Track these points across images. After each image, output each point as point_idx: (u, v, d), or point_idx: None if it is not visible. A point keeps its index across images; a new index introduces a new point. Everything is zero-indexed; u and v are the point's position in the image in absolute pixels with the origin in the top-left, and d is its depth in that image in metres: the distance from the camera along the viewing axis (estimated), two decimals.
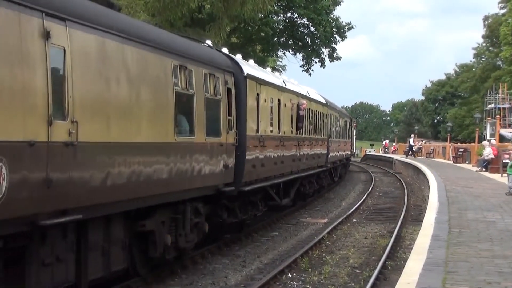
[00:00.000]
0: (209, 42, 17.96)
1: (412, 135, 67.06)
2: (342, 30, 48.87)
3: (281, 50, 51.69)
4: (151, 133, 11.28)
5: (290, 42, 49.43)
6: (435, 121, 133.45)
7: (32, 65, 8.06)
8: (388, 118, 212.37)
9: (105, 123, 9.74)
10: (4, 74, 7.59)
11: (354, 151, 61.72)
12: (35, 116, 8.06)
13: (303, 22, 47.76)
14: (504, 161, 31.16)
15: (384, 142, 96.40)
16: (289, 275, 14.12)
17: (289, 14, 47.75)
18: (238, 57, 18.00)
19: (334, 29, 48.08)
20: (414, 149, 62.71)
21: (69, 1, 9.24)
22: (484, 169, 36.14)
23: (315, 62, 49.85)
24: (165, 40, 12.51)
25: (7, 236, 8.05)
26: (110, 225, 10.61)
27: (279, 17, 47.91)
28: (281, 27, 47.89)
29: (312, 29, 47.65)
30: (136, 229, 11.65)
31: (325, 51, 49.61)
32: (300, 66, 49.90)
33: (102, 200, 9.77)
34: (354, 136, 59.17)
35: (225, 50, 18.02)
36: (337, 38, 49.04)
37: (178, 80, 12.42)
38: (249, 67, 18.09)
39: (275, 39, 47.96)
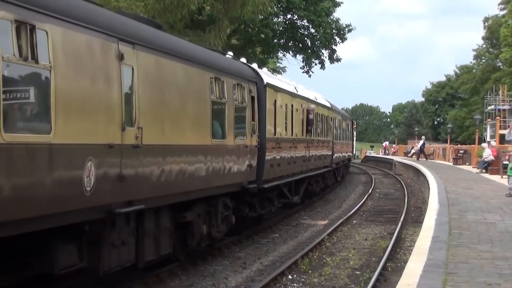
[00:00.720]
0: (230, 53, 19.81)
1: (423, 137, 64.97)
2: (342, 32, 49.02)
3: (281, 51, 51.48)
4: (194, 136, 13.14)
5: (290, 44, 49.43)
6: (435, 122, 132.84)
7: (112, 82, 9.93)
8: (388, 119, 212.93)
9: (161, 128, 11.59)
10: (94, 89, 9.44)
11: (354, 152, 62.60)
12: (114, 123, 9.92)
13: (303, 23, 47.72)
14: (504, 162, 30.20)
15: (384, 144, 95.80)
16: (289, 276, 14.26)
17: (289, 16, 47.59)
18: (255, 66, 19.90)
19: (334, 31, 48.27)
20: (413, 151, 62.52)
21: (136, 28, 11.15)
22: (484, 171, 35.68)
23: (315, 64, 49.70)
24: (204, 56, 14.40)
25: (91, 222, 9.86)
26: (160, 216, 12.41)
27: (279, 19, 47.73)
28: (281, 28, 47.87)
29: (312, 30, 47.60)
30: (178, 220, 13.42)
31: (325, 53, 49.58)
32: (300, 68, 49.76)
33: (157, 193, 11.59)
34: (355, 138, 59.02)
35: (243, 60, 19.92)
36: (337, 39, 49.11)
37: (213, 90, 14.28)
38: (268, 77, 19.99)
39: (275, 40, 47.92)
